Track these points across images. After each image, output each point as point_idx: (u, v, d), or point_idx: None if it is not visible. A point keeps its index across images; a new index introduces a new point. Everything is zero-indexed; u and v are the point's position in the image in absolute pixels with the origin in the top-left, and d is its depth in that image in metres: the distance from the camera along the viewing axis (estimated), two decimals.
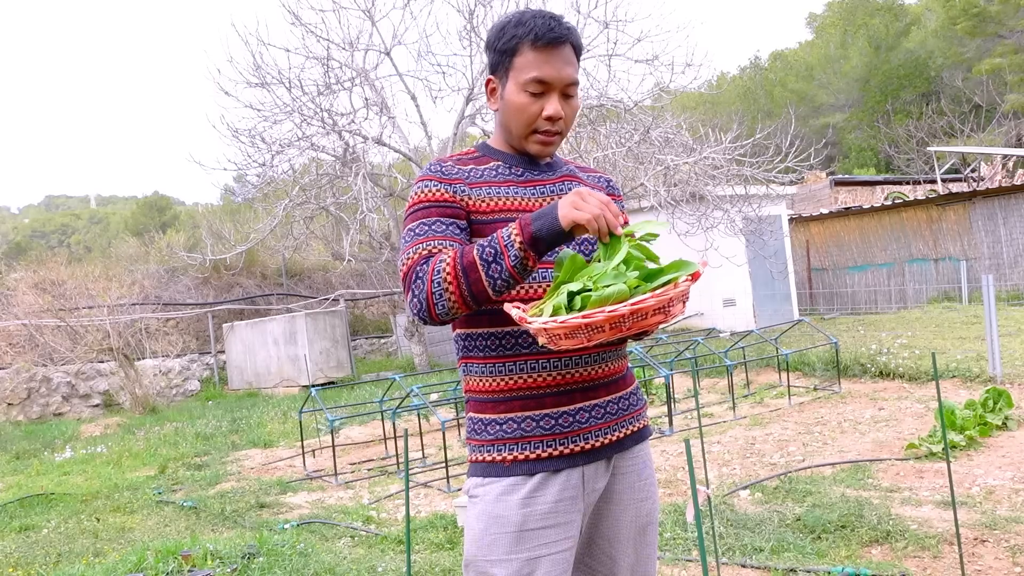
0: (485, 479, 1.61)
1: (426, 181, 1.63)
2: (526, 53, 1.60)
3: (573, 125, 1.73)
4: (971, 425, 5.54)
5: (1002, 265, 14.42)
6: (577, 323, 1.33)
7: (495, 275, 1.42)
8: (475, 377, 1.64)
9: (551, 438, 1.59)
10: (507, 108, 1.65)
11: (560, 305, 1.38)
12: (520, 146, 1.68)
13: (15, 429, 11.32)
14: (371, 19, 10.38)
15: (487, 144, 1.75)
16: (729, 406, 7.60)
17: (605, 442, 1.63)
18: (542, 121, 1.62)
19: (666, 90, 10.86)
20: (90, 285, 14.10)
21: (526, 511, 1.56)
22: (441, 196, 1.60)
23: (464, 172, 1.65)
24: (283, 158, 11.23)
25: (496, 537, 1.56)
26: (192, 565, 3.93)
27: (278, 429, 8.99)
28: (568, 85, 1.62)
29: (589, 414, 1.61)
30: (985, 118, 23.84)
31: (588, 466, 1.61)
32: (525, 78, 1.60)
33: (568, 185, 1.72)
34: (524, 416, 1.60)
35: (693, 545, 3.90)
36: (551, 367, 1.59)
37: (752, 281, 13.90)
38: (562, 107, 1.63)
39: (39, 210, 69.82)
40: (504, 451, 1.60)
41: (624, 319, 1.34)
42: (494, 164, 1.69)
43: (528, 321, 1.38)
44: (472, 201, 1.61)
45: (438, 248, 1.52)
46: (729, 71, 39.78)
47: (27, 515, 6.07)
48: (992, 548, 3.60)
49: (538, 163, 1.72)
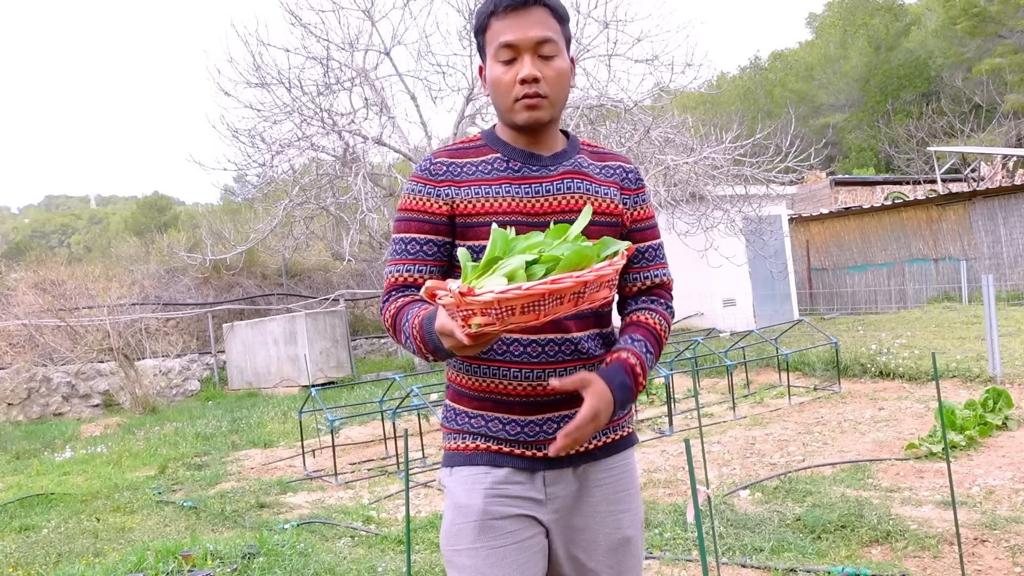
0: (452, 468, 1.61)
1: (414, 183, 1.63)
2: (494, 25, 1.58)
3: (565, 89, 1.61)
4: (971, 425, 5.54)
5: (1002, 265, 14.42)
6: (543, 289, 1.22)
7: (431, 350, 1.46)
8: (452, 370, 1.65)
9: (515, 442, 1.58)
10: (490, 87, 1.61)
11: (515, 272, 1.27)
12: (511, 122, 1.60)
13: (15, 429, 11.32)
14: (371, 19, 10.38)
15: (493, 132, 1.69)
16: (729, 406, 7.60)
17: (572, 453, 1.58)
18: (518, 86, 1.56)
19: (666, 90, 10.86)
20: (90, 285, 14.10)
21: (488, 501, 1.54)
22: (423, 205, 1.60)
23: (456, 168, 1.61)
24: (283, 158, 11.22)
25: (461, 527, 1.55)
26: (192, 565, 3.93)
27: (278, 429, 8.98)
28: (538, 44, 1.55)
29: (557, 424, 1.57)
30: (985, 118, 23.84)
31: (549, 471, 1.58)
32: (495, 48, 1.57)
33: (568, 184, 1.61)
34: (493, 416, 1.59)
35: (693, 545, 3.90)
36: (522, 376, 1.56)
37: (752, 281, 13.90)
38: (540, 68, 1.56)
39: (39, 210, 69.83)
40: (468, 440, 1.61)
41: (587, 287, 1.26)
42: (492, 156, 1.63)
43: (476, 293, 1.23)
44: (459, 202, 1.58)
45: (404, 278, 1.59)
46: (729, 71, 39.85)
47: (27, 515, 6.07)
48: (992, 548, 3.60)
49: (540, 156, 1.63)
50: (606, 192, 1.63)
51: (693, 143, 11.03)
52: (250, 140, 10.76)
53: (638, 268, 1.68)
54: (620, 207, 1.64)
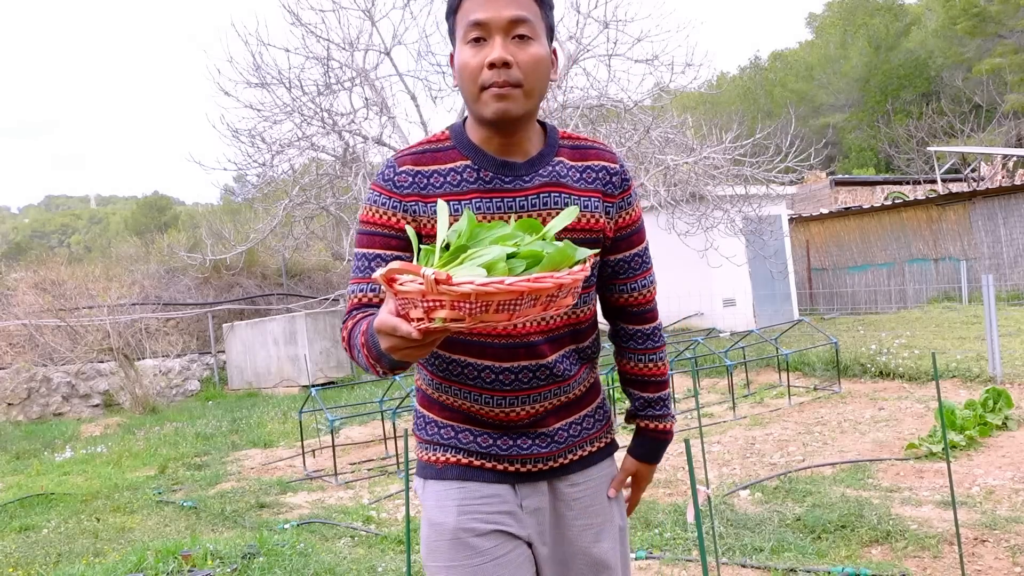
0: (424, 481, 1.56)
1: (376, 194, 1.46)
2: (465, 4, 1.40)
3: (542, 79, 1.42)
4: (971, 425, 5.54)
5: (1002, 265, 14.42)
6: (525, 287, 1.08)
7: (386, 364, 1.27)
8: (423, 381, 1.60)
9: (487, 455, 1.51)
10: (458, 73, 1.42)
11: (494, 263, 1.13)
12: (479, 115, 1.42)
13: (15, 429, 11.32)
14: (371, 19, 10.37)
15: (462, 130, 1.49)
16: (729, 406, 7.60)
17: (544, 468, 1.53)
18: (486, 71, 1.36)
19: (666, 90, 10.85)
20: (90, 285, 14.11)
21: (461, 518, 1.48)
22: (387, 220, 1.44)
23: (422, 179, 1.44)
24: (283, 158, 11.22)
25: (436, 545, 1.50)
26: (192, 565, 3.93)
27: (278, 429, 8.98)
28: (512, 23, 1.37)
29: (532, 442, 1.51)
30: (985, 118, 23.84)
31: (523, 485, 1.52)
32: (464, 28, 1.40)
33: (545, 199, 1.45)
34: (463, 428, 1.53)
35: (693, 545, 3.90)
36: (494, 403, 1.49)
37: (752, 281, 13.90)
38: (513, 52, 1.37)
39: (39, 210, 69.88)
40: (439, 452, 1.54)
41: (561, 290, 1.14)
42: (461, 165, 1.45)
43: (454, 282, 1.06)
44: (426, 219, 1.43)
45: (370, 298, 1.43)
46: (729, 71, 39.86)
47: (27, 515, 6.07)
48: (992, 548, 3.60)
49: (514, 165, 1.45)
50: (587, 204, 1.48)
51: (693, 143, 11.03)
52: (250, 140, 10.76)
53: (624, 279, 1.58)
54: (602, 220, 1.50)
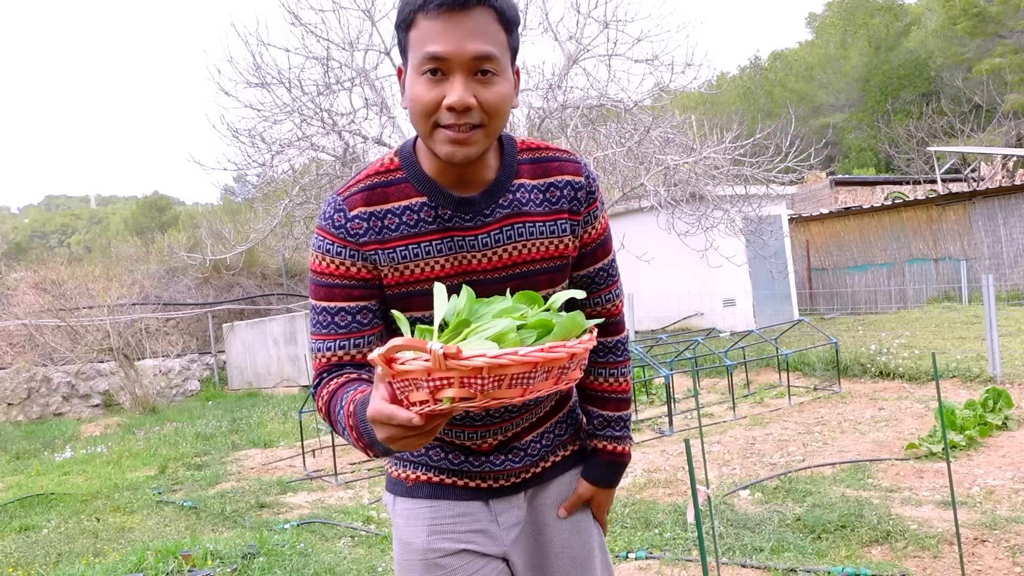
0: (395, 497, 1.51)
1: (328, 242, 1.31)
2: (421, 24, 1.21)
3: (505, 116, 1.28)
4: (971, 425, 5.54)
5: (1002, 265, 14.42)
6: (540, 357, 1.00)
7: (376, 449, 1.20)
8: None
9: (458, 472, 1.47)
10: (409, 102, 1.26)
11: (504, 335, 1.04)
12: (432, 150, 1.27)
13: (15, 429, 11.32)
14: (371, 19, 10.37)
15: (413, 156, 1.35)
16: (729, 406, 7.60)
17: (518, 481, 1.49)
18: (443, 112, 1.22)
19: (666, 90, 10.85)
20: (90, 285, 14.10)
21: (431, 539, 1.44)
22: (345, 272, 1.31)
23: (377, 223, 1.31)
24: (283, 158, 11.21)
25: (408, 564, 1.46)
26: (192, 565, 3.93)
27: (278, 429, 8.99)
28: (476, 60, 1.20)
29: (505, 457, 1.47)
30: (985, 118, 23.84)
31: (496, 500, 1.48)
32: (419, 56, 1.22)
33: (509, 233, 1.34)
34: (434, 445, 1.47)
35: (693, 545, 3.90)
36: (465, 437, 1.44)
37: (752, 281, 13.90)
38: (476, 91, 1.22)
39: (39, 210, 69.89)
40: (408, 469, 1.49)
41: (572, 360, 1.07)
42: (416, 202, 1.31)
43: (464, 355, 0.97)
44: (385, 269, 1.31)
45: (339, 356, 1.33)
46: (729, 71, 39.85)
47: (27, 515, 6.07)
48: (992, 548, 3.60)
49: (471, 201, 1.32)
50: (552, 229, 1.38)
51: (693, 143, 11.03)
52: (250, 140, 10.75)
53: (590, 294, 1.49)
54: (569, 246, 1.40)
